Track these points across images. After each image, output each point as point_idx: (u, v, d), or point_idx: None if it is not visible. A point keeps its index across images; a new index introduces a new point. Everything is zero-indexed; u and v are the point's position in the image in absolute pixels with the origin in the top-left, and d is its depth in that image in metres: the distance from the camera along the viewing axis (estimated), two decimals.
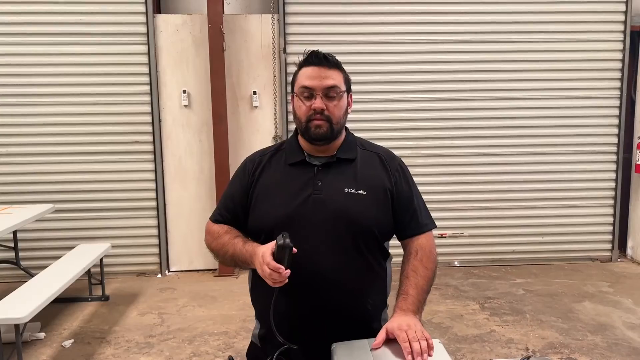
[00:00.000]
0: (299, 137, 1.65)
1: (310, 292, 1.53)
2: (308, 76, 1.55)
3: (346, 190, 1.56)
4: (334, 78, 1.55)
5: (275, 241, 1.39)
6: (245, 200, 1.64)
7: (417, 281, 1.52)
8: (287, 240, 1.36)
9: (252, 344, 1.73)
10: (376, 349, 1.37)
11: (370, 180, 1.60)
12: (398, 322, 1.41)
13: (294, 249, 1.38)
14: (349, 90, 1.63)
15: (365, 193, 1.57)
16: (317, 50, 1.60)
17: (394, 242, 1.70)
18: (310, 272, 1.52)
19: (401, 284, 1.54)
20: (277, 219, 1.54)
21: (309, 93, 1.55)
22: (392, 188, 1.61)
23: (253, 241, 1.61)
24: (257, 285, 1.64)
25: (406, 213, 1.63)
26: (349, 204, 1.55)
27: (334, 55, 1.63)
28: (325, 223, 1.54)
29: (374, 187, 1.59)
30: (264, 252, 1.40)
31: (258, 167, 1.65)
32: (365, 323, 1.60)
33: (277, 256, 1.37)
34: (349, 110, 1.65)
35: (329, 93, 1.55)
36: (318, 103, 1.53)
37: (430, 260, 1.58)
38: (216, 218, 1.71)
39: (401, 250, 1.68)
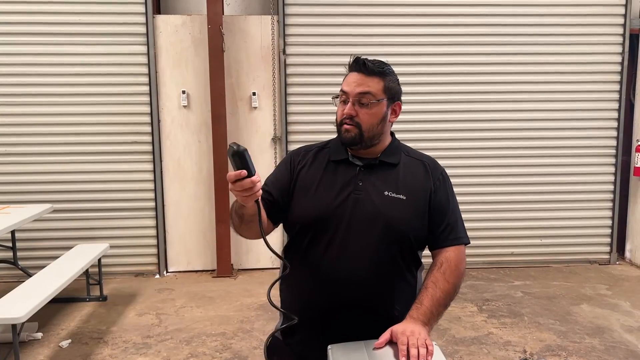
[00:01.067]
0: None
1: (339, 290, 1.54)
2: (347, 81, 1.58)
3: (386, 193, 1.57)
4: (369, 85, 1.55)
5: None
6: (289, 187, 1.64)
7: (435, 293, 1.51)
8: (242, 147, 1.30)
9: (274, 337, 1.74)
10: (378, 348, 1.37)
11: (411, 186, 1.60)
12: (404, 327, 1.41)
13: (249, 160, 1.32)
14: (392, 99, 1.61)
15: (404, 198, 1.57)
16: (359, 56, 1.59)
17: (426, 252, 1.69)
18: (340, 270, 1.53)
19: (419, 294, 1.54)
20: (315, 214, 1.55)
21: (345, 98, 1.57)
22: (431, 196, 1.61)
23: (288, 232, 1.66)
24: (285, 280, 1.66)
25: (440, 223, 1.62)
26: (387, 207, 1.55)
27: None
28: (361, 223, 1.54)
29: (414, 194, 1.59)
30: (228, 174, 1.35)
31: (302, 160, 1.66)
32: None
33: (236, 166, 1.32)
34: (392, 119, 1.64)
35: (361, 100, 1.55)
36: (348, 109, 1.55)
37: (453, 275, 1.56)
38: None
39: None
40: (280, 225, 1.70)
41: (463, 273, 1.61)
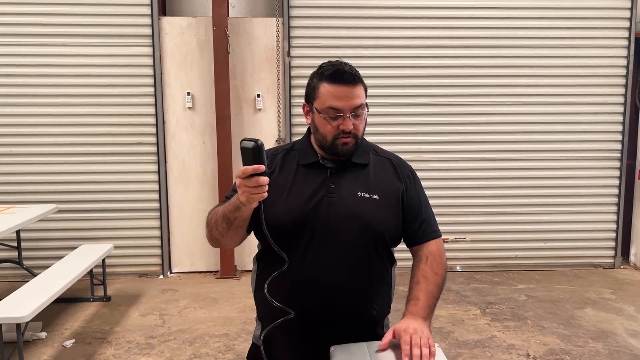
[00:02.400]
0: (312, 141, 1.63)
1: (318, 294, 1.52)
2: (335, 96, 1.50)
3: (359, 194, 1.56)
4: (359, 96, 1.52)
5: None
6: None
7: (427, 286, 1.51)
8: (260, 140, 1.25)
9: (253, 345, 1.74)
10: (382, 350, 1.37)
11: (382, 185, 1.60)
12: (406, 324, 1.40)
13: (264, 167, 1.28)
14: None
15: (377, 198, 1.56)
16: (341, 64, 1.53)
17: (397, 248, 1.69)
18: (319, 274, 1.52)
19: (411, 290, 1.53)
20: (289, 219, 1.52)
21: (336, 114, 1.51)
22: (403, 194, 1.61)
23: (260, 239, 1.61)
24: (261, 287, 1.63)
25: (416, 220, 1.62)
26: (362, 208, 1.55)
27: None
28: (337, 226, 1.53)
29: (386, 192, 1.59)
30: (241, 169, 1.30)
31: (271, 164, 1.61)
32: (369, 328, 1.59)
33: (254, 160, 1.27)
34: None
35: (357, 112, 1.53)
36: (348, 125, 1.51)
37: (440, 267, 1.57)
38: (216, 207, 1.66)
39: (405, 256, 1.66)
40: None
41: (446, 264, 1.62)
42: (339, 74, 1.51)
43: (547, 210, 5.30)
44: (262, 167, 1.26)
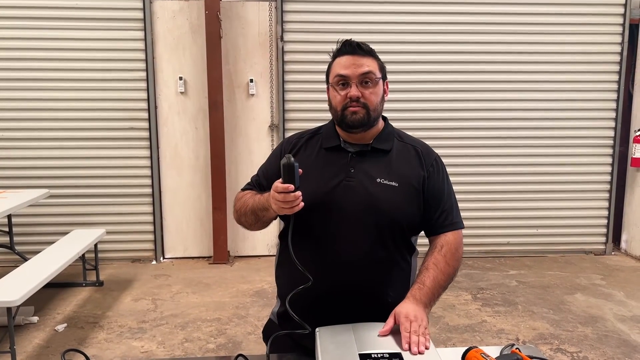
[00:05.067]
0: (336, 124, 1.64)
1: (331, 277, 1.53)
2: (342, 65, 1.55)
3: (378, 180, 1.55)
4: (368, 65, 1.54)
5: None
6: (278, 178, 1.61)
7: (436, 275, 1.51)
8: (292, 160, 1.36)
9: (270, 321, 1.76)
10: (383, 335, 1.36)
11: (403, 172, 1.59)
12: (407, 309, 1.40)
13: (300, 170, 1.38)
14: (384, 77, 1.61)
15: (397, 185, 1.56)
16: (350, 39, 1.58)
17: (421, 239, 1.69)
18: (333, 258, 1.53)
19: (420, 274, 1.53)
20: (307, 201, 1.50)
21: (344, 81, 1.54)
22: (424, 182, 1.60)
23: (282, 220, 1.62)
24: (283, 263, 1.66)
25: (436, 209, 1.61)
26: (379, 194, 1.54)
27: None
28: (353, 210, 1.53)
29: (407, 180, 1.58)
30: (274, 184, 1.41)
31: (294, 148, 1.65)
32: (383, 315, 1.56)
33: (284, 178, 1.37)
34: (386, 98, 1.63)
35: (364, 80, 1.54)
36: (354, 91, 1.52)
37: (454, 258, 1.57)
38: (245, 188, 1.73)
39: (425, 242, 1.66)
40: None
41: (461, 257, 1.62)
42: (345, 44, 1.58)
43: (539, 197, 5.32)
44: (291, 187, 1.36)
